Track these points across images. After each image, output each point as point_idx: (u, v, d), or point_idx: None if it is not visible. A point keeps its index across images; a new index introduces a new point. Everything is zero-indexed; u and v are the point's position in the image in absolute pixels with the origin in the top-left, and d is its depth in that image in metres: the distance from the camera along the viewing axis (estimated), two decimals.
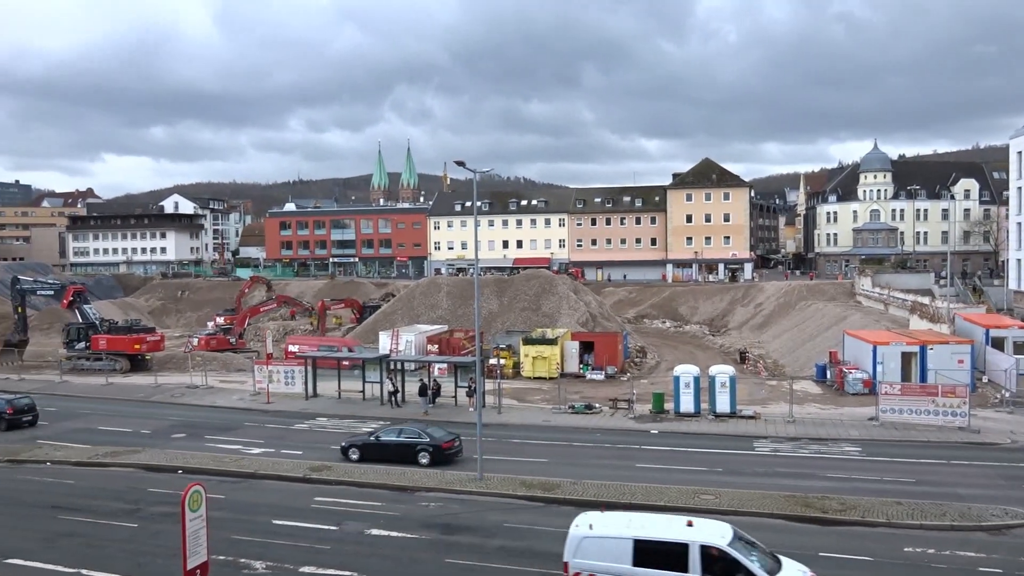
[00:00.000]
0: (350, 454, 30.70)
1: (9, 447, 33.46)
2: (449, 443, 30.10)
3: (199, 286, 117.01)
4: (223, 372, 54.37)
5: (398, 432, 30.88)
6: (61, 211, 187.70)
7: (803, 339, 66.33)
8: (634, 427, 36.05)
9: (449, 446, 30.03)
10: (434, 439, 29.92)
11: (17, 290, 61.21)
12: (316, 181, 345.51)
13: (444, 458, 29.66)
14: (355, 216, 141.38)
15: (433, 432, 30.53)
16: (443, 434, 30.50)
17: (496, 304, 67.81)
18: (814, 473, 27.81)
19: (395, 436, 30.60)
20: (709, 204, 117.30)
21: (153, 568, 19.44)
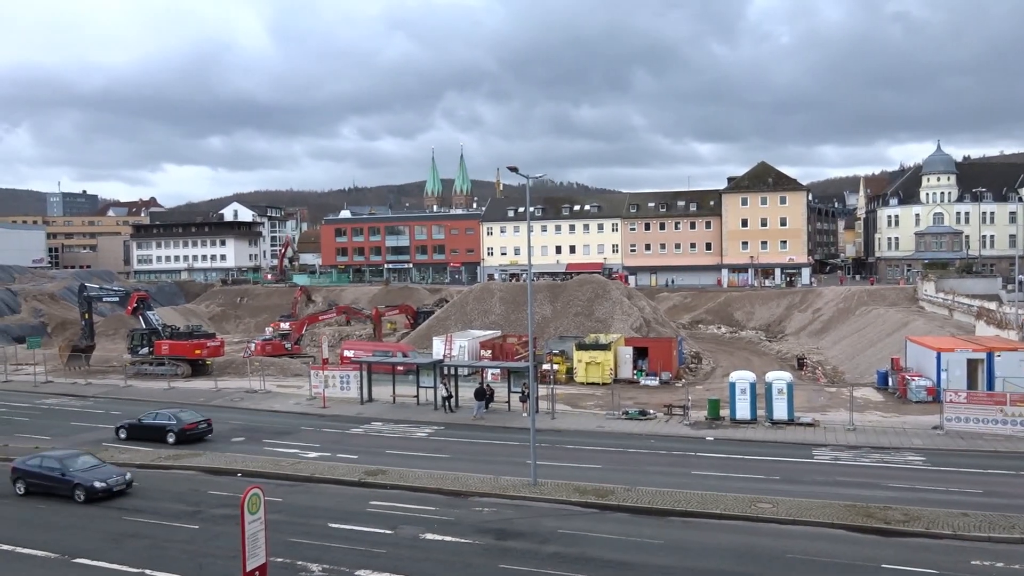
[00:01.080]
0: (120, 433, 36.23)
1: (77, 449, 34.50)
2: (192, 425, 35.22)
3: (257, 292, 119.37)
4: (280, 377, 55.30)
5: (155, 416, 36.36)
6: (126, 220, 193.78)
7: (863, 345, 64.79)
8: (689, 434, 35.60)
9: (192, 427, 35.25)
10: (180, 421, 35.25)
11: (84, 297, 63.20)
12: (371, 188, 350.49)
13: (187, 438, 35.03)
14: (409, 222, 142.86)
15: (181, 415, 35.86)
16: (190, 416, 35.45)
17: (549, 309, 67.72)
18: (875, 483, 27.09)
19: (152, 419, 36.10)
20: (765, 208, 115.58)
21: (214, 569, 19.84)
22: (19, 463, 28.34)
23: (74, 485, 26.62)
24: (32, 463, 28.07)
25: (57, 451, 29.58)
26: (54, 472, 27.14)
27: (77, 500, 26.29)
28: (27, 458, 28.86)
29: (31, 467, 27.87)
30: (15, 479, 27.99)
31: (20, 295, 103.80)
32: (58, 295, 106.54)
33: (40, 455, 28.79)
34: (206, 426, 36.42)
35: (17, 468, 28.04)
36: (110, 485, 26.73)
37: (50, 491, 27.07)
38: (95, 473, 27.13)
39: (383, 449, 33.83)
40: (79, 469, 27.16)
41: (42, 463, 27.82)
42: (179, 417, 36.10)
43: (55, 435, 37.82)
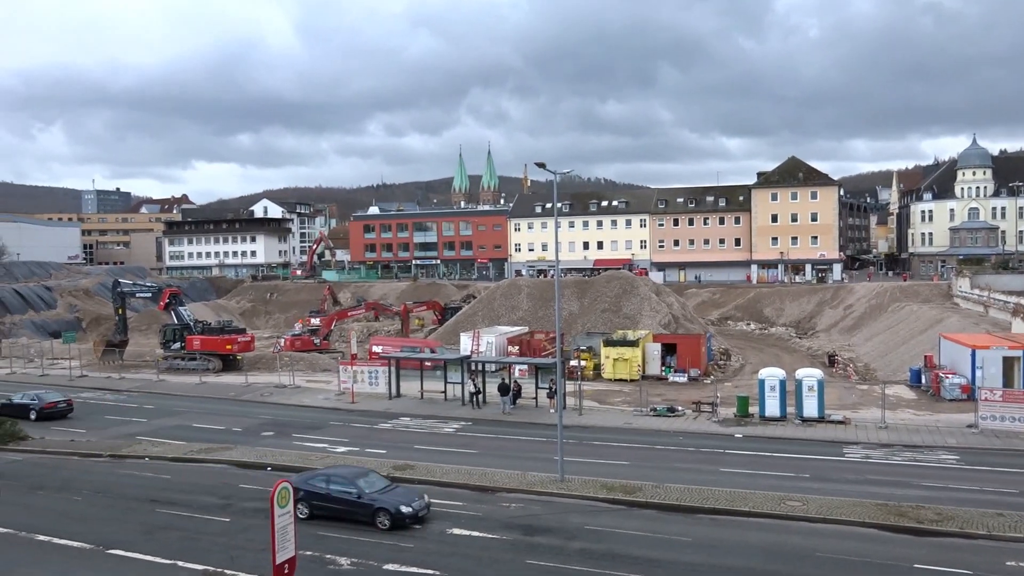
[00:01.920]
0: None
1: (111, 443, 35.12)
2: (52, 404, 38.55)
3: (286, 288, 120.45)
4: (310, 372, 55.77)
5: (22, 396, 40.17)
6: (158, 217, 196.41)
7: (896, 342, 63.91)
8: (718, 431, 35.38)
9: (51, 407, 38.88)
10: (41, 400, 38.23)
11: (118, 293, 64.16)
12: (399, 185, 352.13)
13: (47, 416, 38.75)
14: (437, 219, 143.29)
15: (44, 395, 38.90)
16: (51, 396, 38.70)
17: (577, 306, 67.60)
18: (908, 481, 26.73)
19: (19, 399, 39.86)
20: (796, 203, 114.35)
21: (244, 561, 20.08)
22: (301, 482, 23.81)
23: (376, 510, 22.81)
24: (318, 483, 24.03)
25: (340, 468, 25.75)
26: (349, 495, 23.34)
27: (381, 527, 22.49)
28: (308, 476, 24.76)
29: (318, 488, 23.88)
30: (296, 500, 23.23)
31: (56, 291, 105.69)
32: (92, 291, 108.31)
33: (325, 473, 24.59)
34: (66, 405, 40.77)
35: (300, 488, 23.29)
36: (415, 510, 22.87)
37: (342, 516, 23.23)
38: (396, 496, 23.30)
39: (411, 444, 34.00)
40: (377, 491, 23.40)
41: (330, 482, 23.80)
42: (41, 397, 40.46)
43: (90, 428, 38.48)
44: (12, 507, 24.64)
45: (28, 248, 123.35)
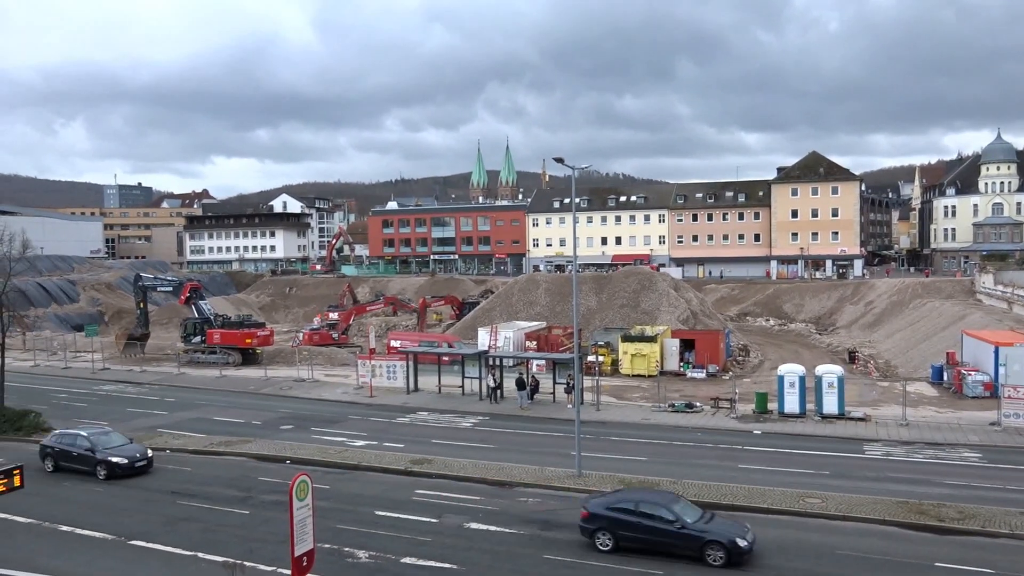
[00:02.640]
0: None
1: (133, 435, 35.43)
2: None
3: (306, 283, 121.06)
4: (328, 366, 56.04)
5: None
6: (179, 211, 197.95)
7: (918, 339, 63.30)
8: (736, 427, 35.21)
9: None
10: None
11: (139, 287, 64.75)
12: (417, 180, 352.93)
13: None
14: (455, 214, 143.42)
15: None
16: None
17: (595, 301, 67.46)
18: (929, 479, 26.48)
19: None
20: (816, 198, 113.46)
21: (263, 554, 20.22)
22: (599, 507, 20.80)
23: (706, 543, 19.40)
24: (624, 508, 20.47)
25: (642, 492, 22.47)
26: (667, 524, 19.79)
27: (713, 563, 19.18)
28: (608, 501, 21.09)
29: (625, 515, 20.31)
30: (596, 529, 20.49)
31: (79, 284, 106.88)
32: (114, 285, 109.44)
33: (631, 498, 21.11)
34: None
35: (601, 515, 20.51)
36: (750, 543, 19.56)
37: (658, 549, 19.84)
38: (725, 527, 20.08)
39: (429, 438, 34.09)
40: (700, 519, 20.12)
41: (639, 508, 20.35)
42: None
43: (112, 420, 38.86)
44: (36, 498, 24.95)
45: (51, 242, 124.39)
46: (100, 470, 28.34)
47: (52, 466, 29.29)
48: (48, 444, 29.83)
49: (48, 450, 29.59)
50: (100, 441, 29.24)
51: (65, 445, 29.30)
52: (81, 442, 29.09)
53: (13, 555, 19.96)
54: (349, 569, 19.35)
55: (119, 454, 28.80)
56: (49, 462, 29.39)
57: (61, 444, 29.44)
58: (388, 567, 19.52)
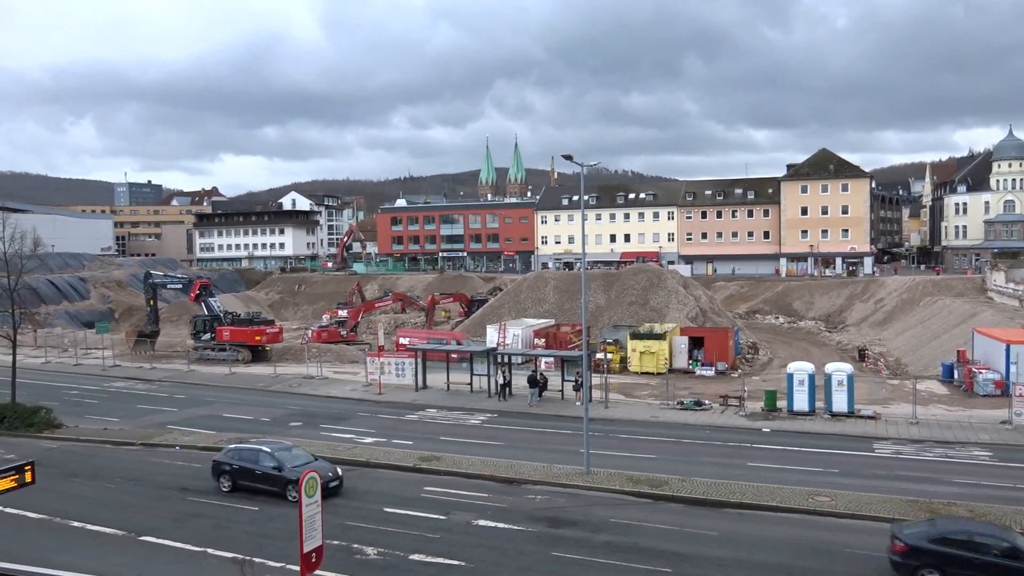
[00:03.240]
0: None
1: (143, 431, 35.66)
2: None
3: (314, 280, 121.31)
4: (337, 364, 56.14)
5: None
6: (189, 209, 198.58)
7: (928, 337, 63.01)
8: (745, 425, 35.13)
9: None
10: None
11: (149, 284, 65.00)
12: (426, 177, 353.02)
13: None
14: (463, 211, 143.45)
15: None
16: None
17: (603, 298, 67.39)
18: (939, 478, 26.37)
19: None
20: (826, 196, 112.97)
21: (272, 550, 20.29)
22: (920, 537, 17.99)
23: None
24: (954, 538, 17.79)
25: (972, 523, 19.42)
26: None
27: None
28: (929, 531, 18.26)
29: (954, 548, 17.55)
30: (918, 566, 17.56)
31: (89, 282, 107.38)
32: (125, 282, 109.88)
33: (964, 528, 18.49)
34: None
35: (918, 546, 17.76)
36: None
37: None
38: None
39: (437, 435, 34.15)
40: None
41: (972, 539, 17.71)
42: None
43: (123, 417, 39.09)
44: (47, 493, 25.09)
45: (62, 240, 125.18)
46: (291, 491, 24.45)
47: (230, 485, 26.13)
48: (224, 460, 26.56)
49: (225, 467, 26.38)
50: (285, 458, 25.83)
51: (246, 462, 26.12)
52: (265, 459, 25.85)
53: (25, 550, 20.08)
54: (358, 566, 19.40)
55: None
56: (226, 480, 26.28)
57: (240, 461, 26.26)
58: (397, 564, 19.56)
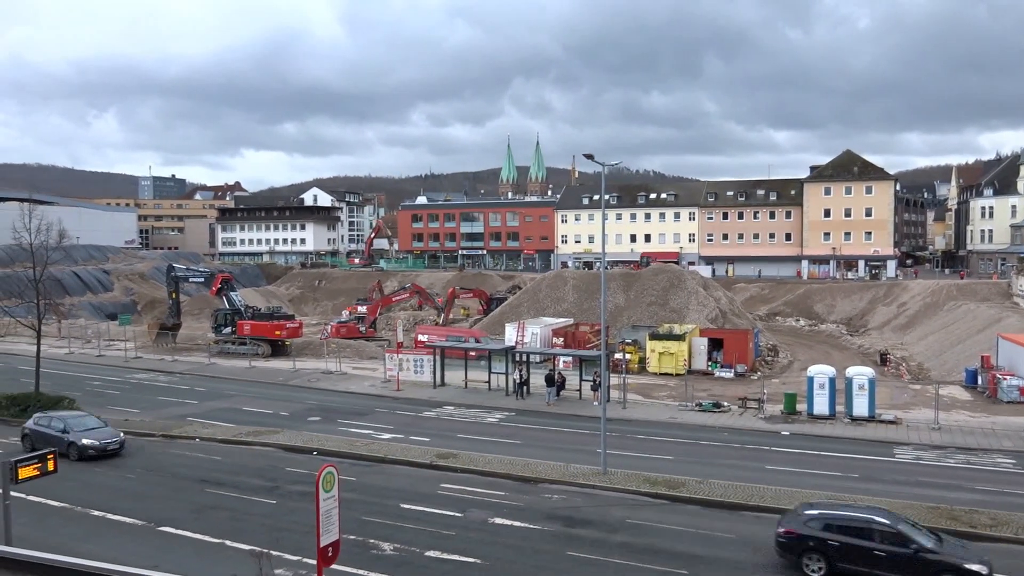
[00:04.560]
0: None
1: (164, 423, 36.00)
2: None
3: (335, 276, 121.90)
4: (356, 359, 56.38)
5: None
6: (211, 204, 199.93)
7: (951, 342, 62.27)
8: (764, 427, 34.90)
9: None
10: None
11: (172, 277, 65.57)
12: (447, 175, 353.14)
13: None
14: (484, 209, 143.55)
15: None
16: None
17: (623, 298, 67.19)
18: (961, 484, 26.06)
19: None
20: (849, 198, 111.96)
21: (289, 543, 20.40)
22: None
23: None
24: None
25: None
26: None
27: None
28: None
29: None
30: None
31: (113, 274, 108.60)
32: (148, 275, 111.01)
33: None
34: None
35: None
36: None
37: None
38: None
39: (455, 433, 34.19)
40: None
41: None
42: None
43: (144, 408, 39.47)
44: (69, 482, 25.38)
45: (87, 232, 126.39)
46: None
47: None
48: None
49: None
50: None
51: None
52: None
53: (47, 538, 20.32)
54: (374, 561, 19.46)
55: None
56: None
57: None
58: (413, 560, 19.61)
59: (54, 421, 30.15)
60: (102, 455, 29.23)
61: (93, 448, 29.08)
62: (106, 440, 29.59)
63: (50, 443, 27.88)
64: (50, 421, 30.26)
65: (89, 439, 29.25)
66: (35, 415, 31.64)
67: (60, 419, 30.24)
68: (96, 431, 29.99)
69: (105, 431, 30.26)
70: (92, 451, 29.04)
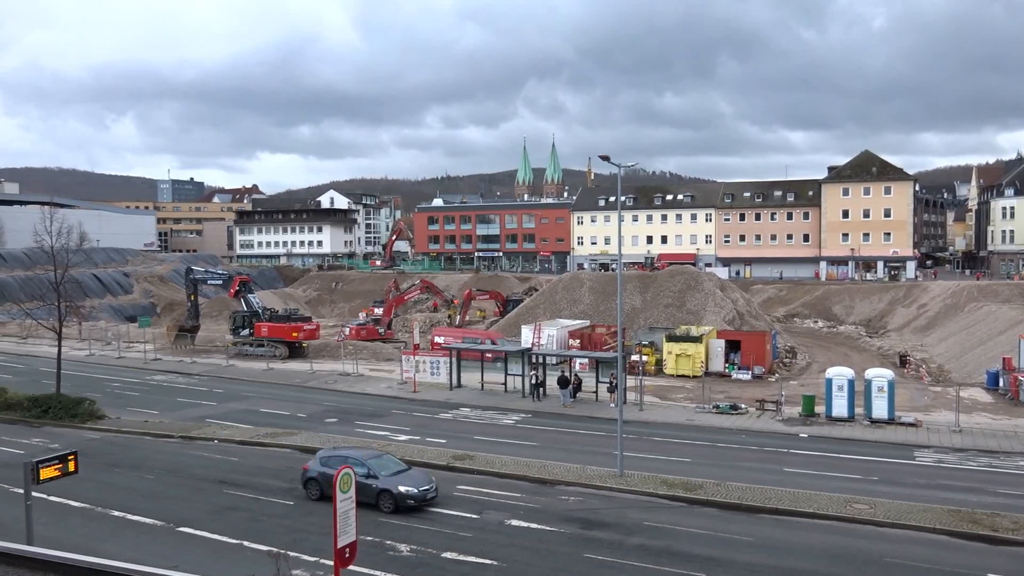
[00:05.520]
0: None
1: (182, 424, 36.25)
2: None
3: (352, 278, 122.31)
4: (373, 361, 56.52)
5: None
6: (229, 206, 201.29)
7: (972, 343, 61.64)
8: (782, 430, 34.67)
9: None
10: None
11: (191, 280, 66.05)
12: (463, 177, 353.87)
13: None
14: (500, 211, 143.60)
15: None
16: None
17: (639, 300, 67.01)
18: (983, 488, 25.77)
19: None
20: (868, 198, 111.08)
21: (306, 544, 20.49)
22: None
23: None
24: None
25: None
26: None
27: None
28: None
29: None
30: None
31: (132, 276, 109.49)
32: (167, 277, 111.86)
33: None
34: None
35: None
36: None
37: None
38: None
39: (471, 435, 34.21)
40: None
41: None
42: None
43: (163, 410, 39.76)
44: (90, 483, 25.58)
45: (107, 235, 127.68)
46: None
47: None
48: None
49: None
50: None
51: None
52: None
53: (68, 538, 20.51)
54: (391, 562, 19.50)
55: None
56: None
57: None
58: (429, 561, 19.63)
59: (351, 462, 23.15)
60: (421, 505, 23.61)
61: (412, 497, 23.32)
62: (424, 487, 23.77)
63: None
64: (345, 462, 22.82)
65: (406, 486, 23.48)
66: (320, 454, 25.96)
67: (358, 460, 24.12)
68: (406, 475, 24.32)
69: (416, 476, 24.59)
70: (412, 501, 23.31)
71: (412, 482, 23.88)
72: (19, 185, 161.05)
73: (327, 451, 26.60)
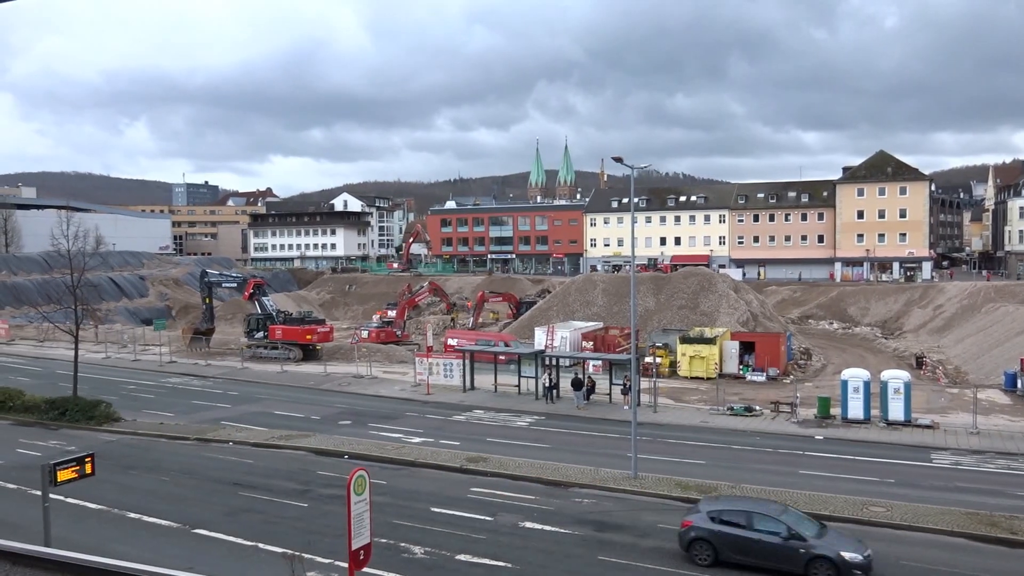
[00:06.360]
0: None
1: (198, 427, 36.43)
2: None
3: (365, 280, 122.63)
4: (386, 363, 56.63)
5: None
6: (244, 210, 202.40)
7: (989, 344, 61.09)
8: (797, 432, 34.47)
9: None
10: None
11: (205, 283, 66.41)
12: (475, 179, 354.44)
13: None
14: (513, 213, 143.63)
15: None
16: None
17: (652, 302, 66.84)
18: (1001, 490, 25.52)
19: None
20: (883, 199, 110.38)
21: (321, 546, 20.53)
22: None
23: None
24: None
25: None
26: None
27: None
28: None
29: None
30: None
31: (148, 280, 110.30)
32: (181, 280, 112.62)
33: None
34: None
35: None
36: None
37: None
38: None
39: (484, 437, 34.21)
40: None
41: None
42: None
43: (178, 412, 39.98)
44: (106, 485, 25.74)
45: (123, 238, 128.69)
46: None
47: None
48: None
49: None
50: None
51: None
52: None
53: (85, 540, 20.64)
54: (405, 564, 19.52)
55: None
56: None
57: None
58: (443, 563, 19.64)
59: (757, 518, 19.31)
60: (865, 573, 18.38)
61: (858, 566, 18.17)
62: (867, 552, 18.51)
63: (765, 555, 18.76)
64: (750, 519, 19.38)
65: (850, 552, 18.36)
66: (705, 508, 20.37)
67: (767, 517, 19.30)
68: (835, 535, 19.37)
69: (841, 535, 19.66)
70: (858, 571, 18.16)
71: (852, 547, 18.68)
72: (36, 190, 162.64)
73: (712, 502, 21.17)
